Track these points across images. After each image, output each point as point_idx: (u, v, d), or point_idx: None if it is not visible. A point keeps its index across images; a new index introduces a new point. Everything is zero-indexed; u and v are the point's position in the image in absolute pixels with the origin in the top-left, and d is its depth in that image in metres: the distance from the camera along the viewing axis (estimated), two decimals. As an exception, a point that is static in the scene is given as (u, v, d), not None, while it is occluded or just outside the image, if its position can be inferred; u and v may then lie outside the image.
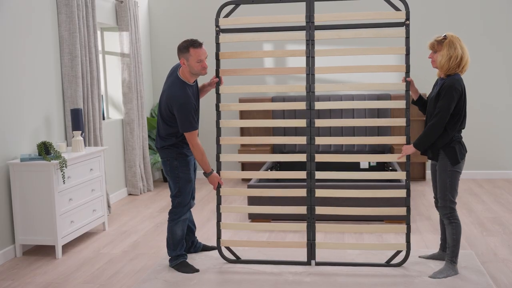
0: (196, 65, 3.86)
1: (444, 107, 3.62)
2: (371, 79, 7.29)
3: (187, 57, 3.83)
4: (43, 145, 4.49)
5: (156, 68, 7.77)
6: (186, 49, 3.83)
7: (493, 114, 7.15)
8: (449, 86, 3.61)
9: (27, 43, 4.77)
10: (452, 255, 3.68)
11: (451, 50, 3.65)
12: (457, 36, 3.71)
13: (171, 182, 4.06)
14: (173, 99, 3.83)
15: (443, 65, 3.67)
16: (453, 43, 3.66)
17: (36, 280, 3.95)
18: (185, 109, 3.81)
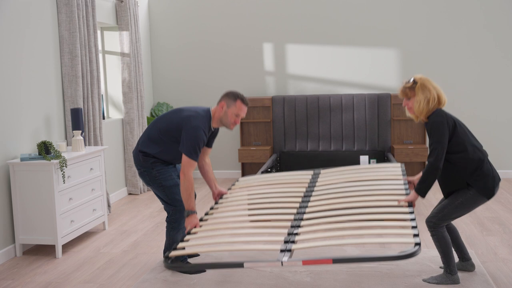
0: (232, 117, 3.80)
1: (435, 143, 3.44)
2: (371, 79, 7.28)
3: (230, 104, 3.78)
4: (43, 144, 4.49)
5: (156, 68, 7.77)
6: (234, 98, 3.78)
7: (493, 113, 7.15)
8: (432, 124, 3.48)
9: (27, 42, 4.77)
10: (446, 266, 3.59)
11: (426, 93, 3.53)
12: (425, 77, 3.59)
13: (157, 192, 3.96)
14: (189, 122, 3.73)
15: (423, 110, 3.54)
16: (425, 86, 3.54)
17: (36, 279, 3.95)
18: (196, 135, 3.68)
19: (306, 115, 7.23)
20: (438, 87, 3.59)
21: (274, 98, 7.29)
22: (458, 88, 7.17)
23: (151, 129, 3.94)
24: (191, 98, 7.72)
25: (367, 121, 7.12)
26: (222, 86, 7.63)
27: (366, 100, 7.10)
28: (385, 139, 7.12)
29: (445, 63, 7.16)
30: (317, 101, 7.21)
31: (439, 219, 3.54)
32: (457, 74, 7.16)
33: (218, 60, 7.62)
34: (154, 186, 3.94)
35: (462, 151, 3.50)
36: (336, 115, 7.19)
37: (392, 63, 7.24)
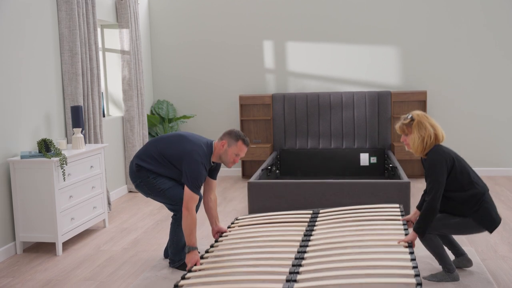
0: (232, 156, 3.84)
1: (433, 182, 3.45)
2: (371, 77, 7.28)
3: (231, 144, 3.81)
4: (43, 142, 4.49)
5: (156, 66, 7.76)
6: (236, 138, 3.82)
7: (493, 112, 7.14)
8: (430, 162, 3.49)
9: (27, 40, 4.76)
10: (443, 266, 3.60)
11: (422, 131, 3.53)
12: (423, 114, 3.60)
13: (158, 199, 3.94)
14: (192, 156, 3.73)
15: (418, 148, 3.56)
16: (421, 123, 3.55)
17: (37, 277, 3.96)
18: (198, 170, 3.70)
19: (306, 113, 7.23)
20: (436, 124, 3.60)
21: (274, 95, 7.29)
22: (457, 86, 7.17)
23: (151, 146, 3.93)
24: (191, 96, 7.72)
25: (367, 119, 7.11)
26: (223, 84, 7.63)
27: (366, 98, 7.10)
28: (385, 137, 7.12)
29: (445, 61, 7.15)
30: (317, 98, 7.20)
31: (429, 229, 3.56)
32: (456, 72, 7.15)
33: (218, 58, 7.61)
34: (154, 194, 3.93)
35: (460, 189, 3.52)
36: (336, 112, 7.18)
37: (392, 61, 7.23)
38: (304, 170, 7.26)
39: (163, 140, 3.93)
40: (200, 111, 7.74)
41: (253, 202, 5.35)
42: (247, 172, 7.56)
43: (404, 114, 7.04)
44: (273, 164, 6.87)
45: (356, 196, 5.20)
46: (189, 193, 3.67)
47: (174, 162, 3.82)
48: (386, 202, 5.14)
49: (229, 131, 3.87)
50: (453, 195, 3.52)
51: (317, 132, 7.25)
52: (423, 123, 3.54)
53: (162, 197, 3.92)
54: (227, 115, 7.68)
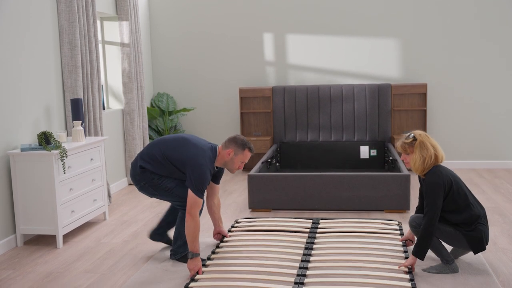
0: (237, 164, 3.87)
1: (430, 205, 3.49)
2: (371, 69, 7.27)
3: (237, 152, 3.83)
4: (43, 135, 4.49)
5: (156, 58, 7.75)
6: (243, 147, 3.84)
7: (494, 105, 7.14)
8: (428, 185, 3.52)
9: (27, 33, 4.75)
10: (440, 257, 3.63)
11: (423, 151, 3.56)
12: (425, 134, 3.64)
13: (165, 198, 3.93)
14: (196, 160, 3.72)
15: (418, 168, 3.58)
16: (423, 143, 3.58)
17: (37, 269, 3.97)
18: (203, 174, 3.68)
19: (306, 106, 7.22)
20: (437, 145, 3.64)
21: (274, 88, 7.28)
22: (457, 79, 7.16)
23: (155, 148, 3.91)
24: (191, 89, 7.71)
25: (367, 111, 7.11)
26: (223, 77, 7.62)
27: (367, 90, 7.09)
28: (385, 130, 7.12)
29: (445, 53, 7.14)
30: (318, 91, 7.20)
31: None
32: (457, 65, 7.14)
33: (218, 50, 7.60)
34: (160, 193, 3.92)
35: (456, 210, 3.57)
36: (337, 105, 7.18)
37: (392, 54, 7.22)
38: (304, 163, 7.27)
39: (167, 142, 3.90)
40: (200, 104, 7.73)
41: (253, 194, 5.36)
42: (247, 165, 7.55)
43: (405, 106, 7.07)
44: (273, 157, 6.87)
45: (356, 189, 5.20)
46: (193, 197, 3.65)
47: (178, 166, 3.81)
48: (386, 194, 5.15)
49: (234, 138, 3.85)
50: (449, 216, 3.59)
51: (317, 125, 7.25)
52: (425, 144, 3.58)
53: (170, 196, 3.91)
54: (227, 108, 7.67)
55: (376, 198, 5.19)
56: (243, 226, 4.67)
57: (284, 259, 3.87)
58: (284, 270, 3.60)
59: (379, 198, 5.18)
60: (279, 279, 3.47)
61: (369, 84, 7.11)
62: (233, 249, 4.11)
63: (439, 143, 7.27)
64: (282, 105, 7.27)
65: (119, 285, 3.62)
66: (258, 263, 3.78)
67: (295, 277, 3.48)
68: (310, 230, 4.47)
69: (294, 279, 3.45)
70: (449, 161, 7.28)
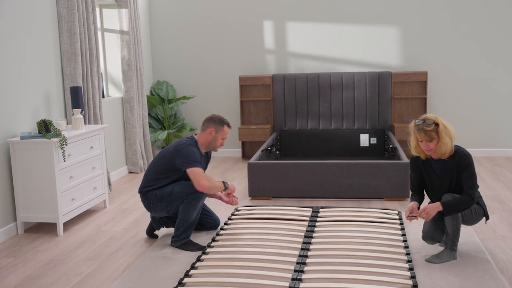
0: (219, 141, 4.12)
1: (474, 178, 3.58)
2: (372, 57, 7.24)
3: (218, 130, 4.08)
4: (43, 123, 4.48)
5: (155, 46, 7.72)
6: (221, 124, 4.09)
7: (494, 93, 7.13)
8: (466, 159, 3.58)
9: (26, 20, 4.73)
10: (452, 244, 3.61)
11: (448, 133, 3.56)
12: (436, 116, 3.61)
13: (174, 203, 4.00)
14: (178, 146, 3.99)
15: (447, 151, 3.57)
16: (445, 126, 3.56)
17: (38, 257, 3.98)
18: (190, 151, 3.94)
19: (306, 94, 7.21)
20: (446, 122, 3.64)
21: (274, 76, 7.26)
22: (458, 67, 7.14)
23: (146, 176, 4.13)
24: (191, 77, 7.69)
25: (367, 99, 7.10)
26: (222, 65, 7.59)
27: (367, 78, 7.07)
28: (385, 118, 7.11)
29: (446, 41, 7.11)
30: (318, 79, 7.18)
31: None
32: (457, 53, 7.11)
33: (218, 38, 7.57)
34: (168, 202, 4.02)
35: None
36: (337, 93, 7.16)
37: (393, 41, 7.19)
38: (304, 151, 7.27)
39: (150, 166, 4.15)
40: (200, 92, 7.71)
41: (253, 182, 5.36)
42: (247, 153, 7.56)
43: (405, 94, 7.04)
44: (273, 145, 6.87)
45: (356, 177, 5.21)
46: (193, 171, 3.88)
47: (170, 168, 4.00)
48: (386, 182, 5.15)
49: (211, 118, 4.10)
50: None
51: (317, 113, 7.24)
52: (446, 126, 3.57)
53: (174, 198, 3.99)
54: (227, 96, 7.66)
55: (376, 186, 5.19)
56: (243, 214, 4.68)
57: (284, 247, 3.88)
58: (284, 258, 3.62)
59: (379, 186, 5.19)
60: (279, 267, 3.48)
61: (369, 72, 7.09)
62: (233, 237, 4.12)
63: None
64: (282, 93, 7.26)
65: (120, 272, 3.64)
66: (258, 251, 3.79)
67: (295, 265, 3.49)
68: (310, 218, 4.48)
69: (294, 267, 3.46)
70: (449, 149, 7.28)
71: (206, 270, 3.48)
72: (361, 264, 3.52)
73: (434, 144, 3.56)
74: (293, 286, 3.17)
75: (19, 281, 3.54)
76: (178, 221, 4.01)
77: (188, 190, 3.95)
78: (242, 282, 3.27)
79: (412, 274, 3.31)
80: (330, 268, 3.44)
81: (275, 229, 4.27)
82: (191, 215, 3.99)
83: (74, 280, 3.53)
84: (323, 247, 3.82)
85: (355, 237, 4.02)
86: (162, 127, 7.53)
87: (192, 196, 3.95)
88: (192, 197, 3.95)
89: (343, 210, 4.70)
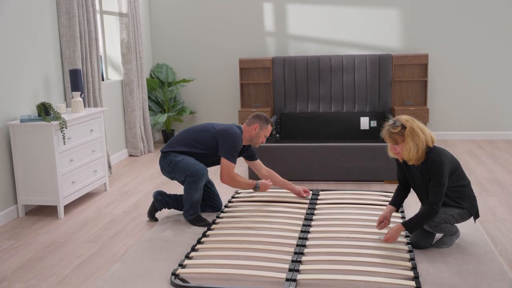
0: (262, 138, 4.28)
1: (440, 187, 3.34)
2: (372, 39, 7.20)
3: (262, 127, 4.24)
4: (42, 106, 4.47)
5: (155, 28, 7.67)
6: (266, 122, 4.26)
7: (495, 75, 7.10)
8: (436, 164, 3.32)
9: (24, 3, 4.69)
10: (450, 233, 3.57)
11: (415, 138, 3.32)
12: (411, 118, 3.39)
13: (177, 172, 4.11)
14: (227, 131, 4.13)
15: (412, 157, 3.36)
16: (413, 129, 3.33)
17: (39, 239, 4.00)
18: (235, 140, 4.09)
19: (306, 76, 7.18)
20: (424, 127, 3.41)
21: (274, 59, 7.22)
22: (458, 49, 7.10)
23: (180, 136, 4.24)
24: (190, 60, 7.65)
25: (368, 82, 7.07)
26: (222, 47, 7.55)
27: (367, 61, 7.04)
28: (385, 101, 7.09)
29: (447, 24, 7.07)
30: (318, 62, 7.14)
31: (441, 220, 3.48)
32: (458, 35, 7.07)
33: (218, 21, 7.51)
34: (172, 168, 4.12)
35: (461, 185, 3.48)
36: (337, 76, 7.13)
37: (393, 24, 7.14)
38: (304, 134, 7.26)
39: (191, 129, 4.27)
40: (199, 74, 7.68)
41: (253, 165, 5.36)
42: (247, 136, 7.55)
43: (406, 77, 7.02)
44: (274, 128, 6.85)
45: (356, 160, 5.21)
46: (226, 163, 4.07)
47: (207, 143, 4.13)
48: (385, 165, 5.15)
49: (257, 115, 4.27)
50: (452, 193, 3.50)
51: (317, 96, 7.22)
52: (415, 130, 3.34)
53: (178, 169, 4.08)
54: (226, 78, 7.63)
55: (375, 169, 5.20)
56: (243, 197, 4.69)
57: (284, 229, 3.90)
58: (284, 241, 3.63)
59: (379, 169, 5.19)
60: (279, 249, 3.50)
61: (370, 54, 7.05)
62: (233, 219, 4.14)
63: (440, 114, 7.27)
64: (282, 76, 7.23)
65: (120, 255, 3.65)
66: (258, 233, 3.81)
67: (295, 247, 3.51)
68: (310, 201, 4.49)
69: (294, 249, 3.48)
70: (449, 132, 7.28)
71: (207, 252, 3.50)
72: (360, 246, 3.54)
73: (400, 148, 3.39)
74: (293, 268, 3.19)
75: (20, 264, 3.56)
76: (183, 198, 4.16)
77: (190, 169, 4.03)
78: (242, 264, 3.28)
79: (411, 256, 3.33)
80: (330, 250, 3.46)
81: (275, 211, 4.29)
82: (193, 195, 4.09)
83: (75, 262, 3.55)
84: (323, 229, 3.83)
85: (354, 219, 4.03)
86: (162, 110, 7.51)
87: (191, 178, 4.04)
88: (191, 180, 4.04)
89: (343, 192, 4.71)
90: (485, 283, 3.06)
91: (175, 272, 3.22)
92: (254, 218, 4.12)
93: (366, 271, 3.16)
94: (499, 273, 3.17)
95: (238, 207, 4.46)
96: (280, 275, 3.11)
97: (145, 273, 3.31)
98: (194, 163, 4.06)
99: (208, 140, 4.14)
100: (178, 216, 4.40)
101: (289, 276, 3.10)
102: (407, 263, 3.24)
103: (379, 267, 3.21)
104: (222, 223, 4.09)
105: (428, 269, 3.24)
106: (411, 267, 3.20)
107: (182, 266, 3.32)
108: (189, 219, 4.16)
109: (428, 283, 3.06)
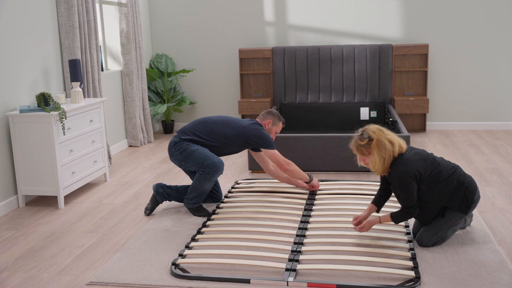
0: (272, 134, 4.44)
1: (407, 201, 3.28)
2: (372, 29, 7.18)
3: (274, 123, 4.43)
4: (42, 96, 4.46)
5: (154, 18, 7.64)
6: (278, 119, 4.44)
7: (495, 66, 7.08)
8: (398, 177, 3.24)
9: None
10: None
11: (382, 151, 3.24)
12: (378, 129, 3.30)
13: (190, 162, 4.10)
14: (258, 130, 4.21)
15: (378, 169, 3.29)
16: (380, 142, 3.25)
17: (39, 229, 4.01)
18: (268, 136, 4.23)
19: (306, 67, 7.17)
20: (393, 138, 3.31)
21: (274, 49, 7.20)
22: (459, 39, 7.08)
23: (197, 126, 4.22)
24: (190, 50, 7.63)
25: (368, 73, 7.06)
26: (222, 38, 7.53)
27: (367, 51, 7.02)
28: (386, 91, 7.08)
29: (447, 14, 7.04)
30: (318, 52, 7.13)
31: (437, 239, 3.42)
32: (458, 25, 7.05)
33: (217, 11, 7.49)
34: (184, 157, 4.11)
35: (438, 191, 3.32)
36: (337, 66, 7.12)
37: (394, 14, 7.12)
38: (304, 124, 7.26)
39: (209, 121, 4.25)
40: (199, 65, 7.67)
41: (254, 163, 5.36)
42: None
43: (406, 67, 7.01)
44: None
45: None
46: (273, 152, 4.20)
47: (230, 138, 4.17)
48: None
49: (270, 111, 4.41)
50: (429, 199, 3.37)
51: (317, 86, 7.21)
52: (382, 142, 3.25)
53: (191, 158, 4.08)
54: (226, 69, 7.61)
55: (375, 159, 5.19)
56: (243, 187, 4.70)
57: (284, 219, 3.91)
58: (283, 231, 3.64)
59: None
60: (278, 239, 3.51)
61: (370, 44, 7.03)
62: (233, 210, 4.14)
63: (440, 104, 7.26)
64: (282, 66, 7.22)
65: (121, 245, 3.66)
66: (257, 223, 3.82)
67: (294, 238, 3.52)
68: (309, 191, 4.50)
69: (293, 239, 3.49)
70: (449, 122, 7.27)
71: (207, 243, 3.51)
72: (359, 236, 3.55)
73: (369, 159, 3.33)
74: (293, 258, 3.20)
75: (21, 253, 3.57)
76: (191, 186, 4.13)
77: (207, 161, 4.04)
78: (242, 254, 3.29)
79: (410, 246, 3.34)
80: (329, 240, 3.47)
81: (275, 202, 4.29)
82: (204, 186, 4.09)
83: (75, 252, 3.56)
84: (322, 219, 3.84)
85: (354, 210, 4.04)
86: (161, 101, 7.50)
87: (208, 170, 4.04)
88: (208, 171, 4.04)
89: (342, 183, 4.72)
90: (484, 273, 3.07)
91: (175, 262, 3.23)
92: (254, 209, 4.13)
93: (365, 261, 3.18)
94: (498, 263, 3.18)
95: (238, 197, 4.47)
96: (280, 265, 3.12)
97: (145, 263, 3.32)
98: (212, 156, 4.06)
99: (232, 135, 4.17)
100: (178, 206, 4.41)
101: (289, 266, 3.11)
102: (406, 253, 3.25)
103: (378, 257, 3.22)
104: (222, 213, 4.10)
105: (427, 259, 3.25)
106: (410, 257, 3.22)
107: (182, 256, 3.34)
108: (191, 207, 4.15)
109: (427, 273, 3.08)
